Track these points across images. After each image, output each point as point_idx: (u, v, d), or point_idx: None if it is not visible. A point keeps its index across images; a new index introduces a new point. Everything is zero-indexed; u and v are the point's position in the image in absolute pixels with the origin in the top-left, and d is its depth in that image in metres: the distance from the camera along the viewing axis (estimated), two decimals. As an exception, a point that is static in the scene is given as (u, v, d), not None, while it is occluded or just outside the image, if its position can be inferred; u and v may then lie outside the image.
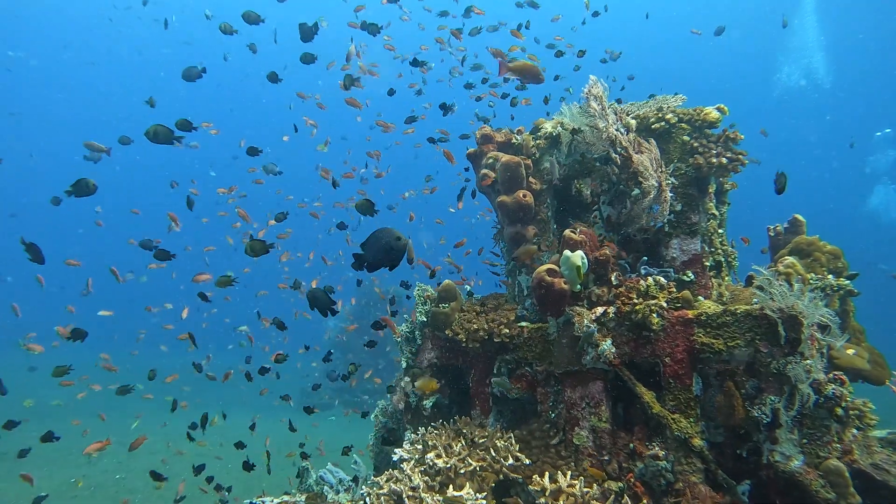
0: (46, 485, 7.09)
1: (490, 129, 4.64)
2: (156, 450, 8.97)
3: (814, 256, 3.95)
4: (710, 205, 4.29)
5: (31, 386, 12.77)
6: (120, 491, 7.18)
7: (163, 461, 8.49)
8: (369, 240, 2.64)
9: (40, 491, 6.83)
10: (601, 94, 3.87)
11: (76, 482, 7.18)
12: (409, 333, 4.44)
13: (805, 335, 3.01)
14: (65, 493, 6.86)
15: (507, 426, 4.08)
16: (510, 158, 4.21)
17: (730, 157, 3.86)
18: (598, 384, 3.60)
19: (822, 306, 3.02)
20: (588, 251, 3.64)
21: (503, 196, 4.23)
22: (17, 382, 12.69)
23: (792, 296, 3.02)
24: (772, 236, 5.03)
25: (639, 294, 3.53)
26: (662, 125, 4.03)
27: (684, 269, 3.91)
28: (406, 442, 3.96)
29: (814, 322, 3.03)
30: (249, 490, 6.99)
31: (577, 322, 3.51)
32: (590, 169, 4.27)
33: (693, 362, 3.37)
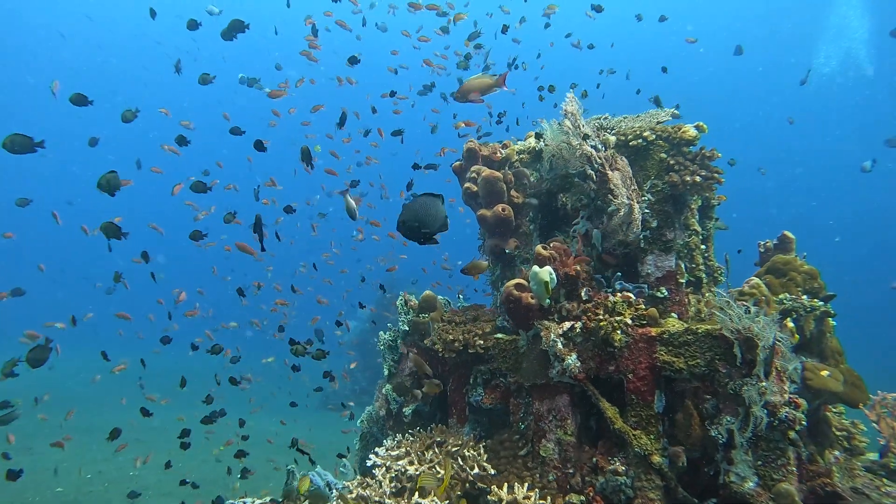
0: (65, 480, 7.42)
1: (476, 143, 4.73)
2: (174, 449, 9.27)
3: (789, 276, 3.94)
4: (691, 221, 4.30)
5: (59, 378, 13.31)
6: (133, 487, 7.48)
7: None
8: (414, 206, 2.47)
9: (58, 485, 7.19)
10: (575, 111, 3.93)
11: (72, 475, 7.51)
12: (391, 341, 4.57)
13: (760, 357, 3.03)
14: (81, 489, 7.18)
15: (483, 435, 4.17)
16: (490, 173, 4.29)
17: (704, 175, 3.88)
18: (565, 398, 3.66)
19: (776, 329, 3.03)
20: (558, 266, 3.70)
21: (483, 210, 4.32)
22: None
23: (747, 318, 3.05)
24: (762, 252, 5.00)
25: (606, 310, 3.58)
26: (640, 142, 4.06)
27: (658, 286, 3.94)
28: (382, 448, 4.08)
29: (769, 345, 3.05)
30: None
31: (544, 336, 3.58)
32: (570, 184, 4.32)
33: (655, 379, 3.41)
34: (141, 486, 7.26)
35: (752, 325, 3.01)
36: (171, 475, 7.11)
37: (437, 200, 2.43)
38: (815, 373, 3.77)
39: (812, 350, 3.97)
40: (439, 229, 2.44)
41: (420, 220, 2.39)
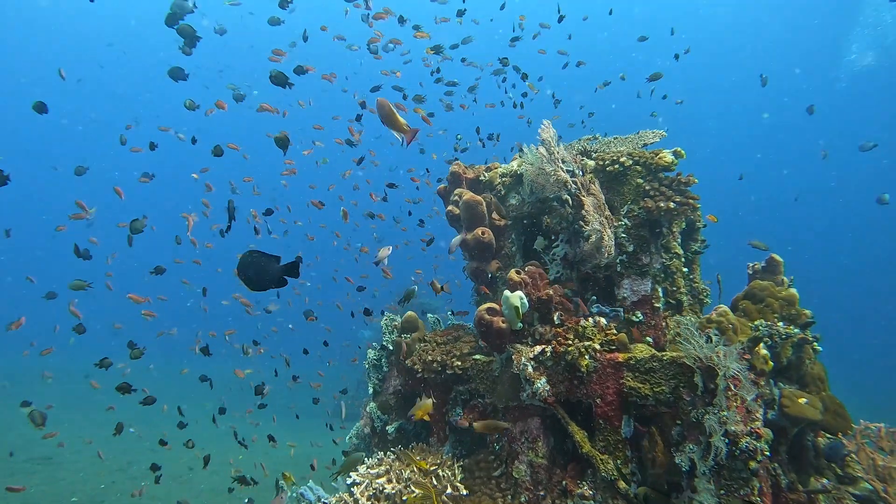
0: (80, 489, 7.68)
1: (461, 166, 4.83)
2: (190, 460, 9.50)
3: (766, 302, 3.93)
4: (672, 244, 4.32)
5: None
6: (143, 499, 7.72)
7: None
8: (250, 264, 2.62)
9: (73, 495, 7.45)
10: (550, 138, 4.00)
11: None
12: (376, 361, 4.67)
13: (721, 387, 3.05)
14: (95, 499, 7.42)
15: (464, 454, 4.24)
16: (471, 197, 4.38)
17: (678, 201, 3.91)
18: (536, 420, 3.72)
19: (736, 359, 3.05)
20: (531, 291, 3.77)
21: (465, 233, 4.41)
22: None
23: (707, 347, 3.07)
24: (750, 274, 4.98)
25: (576, 335, 3.64)
26: (616, 168, 4.11)
27: (634, 309, 3.98)
28: (363, 466, 4.17)
29: (730, 374, 3.06)
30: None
31: (515, 359, 3.65)
32: (550, 207, 4.39)
33: (623, 405, 3.45)
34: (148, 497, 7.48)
35: (711, 355, 3.04)
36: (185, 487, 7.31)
37: (270, 262, 2.58)
38: (792, 400, 3.75)
39: (791, 377, 3.95)
40: (269, 285, 2.59)
41: (247, 276, 2.56)
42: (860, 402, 9.53)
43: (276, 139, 4.28)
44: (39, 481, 7.81)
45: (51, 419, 8.55)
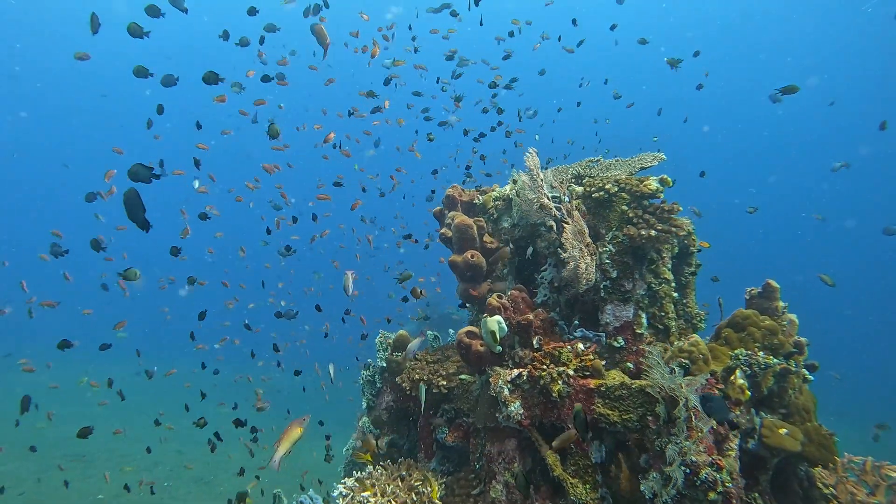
0: (106, 488, 8.10)
1: (458, 189, 4.97)
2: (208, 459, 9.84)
3: (748, 331, 3.92)
4: (662, 269, 4.35)
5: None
6: (165, 498, 8.08)
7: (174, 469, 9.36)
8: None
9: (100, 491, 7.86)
10: (534, 165, 4.10)
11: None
12: (370, 377, 4.84)
13: (681, 416, 3.10)
14: (119, 497, 7.82)
15: (451, 470, 4.36)
16: (462, 220, 4.52)
17: (660, 229, 3.96)
18: (513, 441, 3.81)
19: (695, 389, 3.09)
20: (510, 315, 3.88)
21: (454, 255, 4.54)
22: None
23: (669, 378, 3.12)
24: (747, 299, 4.96)
25: (552, 360, 3.72)
26: (602, 194, 4.18)
27: (616, 335, 4.03)
28: (350, 479, 4.34)
29: (692, 405, 3.11)
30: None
31: (492, 382, 3.75)
32: (539, 233, 4.48)
33: (593, 430, 3.51)
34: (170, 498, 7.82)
35: (672, 385, 3.09)
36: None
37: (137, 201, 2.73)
38: (772, 430, 3.75)
39: (773, 407, 3.94)
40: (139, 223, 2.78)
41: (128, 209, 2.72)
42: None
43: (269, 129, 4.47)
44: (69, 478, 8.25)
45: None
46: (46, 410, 10.26)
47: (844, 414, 17.30)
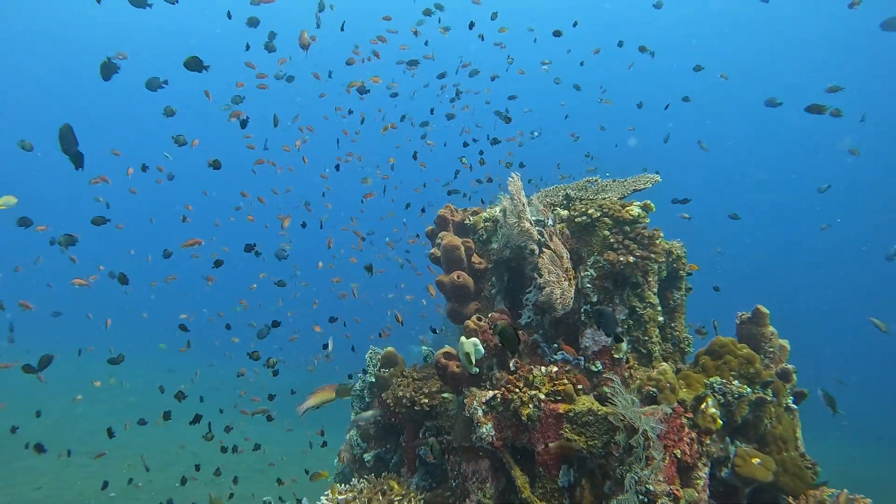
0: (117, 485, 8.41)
1: (450, 209, 5.08)
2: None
3: (725, 359, 3.93)
4: (648, 293, 4.38)
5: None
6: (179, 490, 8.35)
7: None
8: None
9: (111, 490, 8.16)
10: (517, 190, 4.19)
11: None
12: (359, 391, 4.97)
13: (638, 445, 3.14)
14: (129, 494, 8.13)
15: (434, 486, 4.46)
16: (450, 241, 4.62)
17: (639, 255, 4.00)
18: (486, 462, 3.89)
19: (652, 420, 3.13)
20: (487, 338, 3.96)
21: (441, 276, 4.65)
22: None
23: (628, 406, 3.17)
24: (737, 324, 4.95)
25: (526, 383, 3.79)
26: (584, 219, 4.24)
27: (594, 360, 4.08)
28: (331, 490, 4.47)
29: (654, 434, 3.15)
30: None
31: (467, 403, 3.85)
32: (524, 255, 4.56)
33: (562, 454, 3.57)
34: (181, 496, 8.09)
35: (629, 413, 3.14)
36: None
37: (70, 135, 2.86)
38: (745, 460, 3.76)
39: (749, 436, 3.94)
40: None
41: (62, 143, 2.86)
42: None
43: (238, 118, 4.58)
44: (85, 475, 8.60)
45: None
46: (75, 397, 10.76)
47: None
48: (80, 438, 10.71)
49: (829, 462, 12.96)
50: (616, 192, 4.73)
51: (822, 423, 15.49)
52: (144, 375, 15.18)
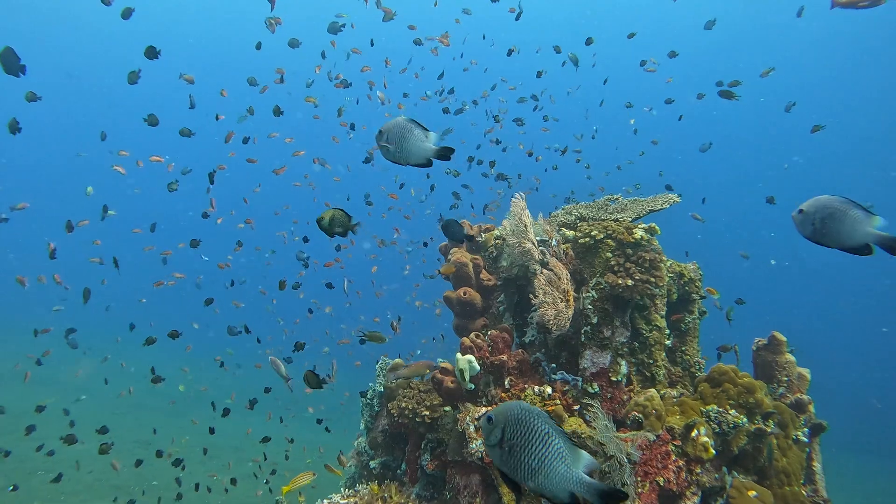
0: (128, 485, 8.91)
1: (467, 224, 5.18)
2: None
3: (724, 387, 3.84)
4: (654, 316, 4.35)
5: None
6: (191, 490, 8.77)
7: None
8: None
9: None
10: (518, 210, 4.25)
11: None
12: (369, 400, 5.13)
13: (612, 470, 3.15)
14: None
15: (436, 496, 4.56)
16: (458, 258, 4.73)
17: (638, 278, 3.98)
18: (477, 476, 3.96)
19: (625, 447, 3.13)
20: (484, 355, 4.04)
21: (449, 291, 4.76)
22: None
23: (606, 430, 3.18)
24: (754, 350, 4.84)
25: (517, 401, 3.85)
26: (588, 241, 4.26)
27: (591, 381, 4.09)
28: (337, 495, 4.64)
29: (624, 460, 3.15)
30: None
31: (460, 418, 3.94)
32: (529, 274, 4.61)
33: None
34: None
35: (603, 438, 3.15)
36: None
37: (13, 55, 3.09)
38: (740, 492, 3.68)
39: (748, 467, 3.85)
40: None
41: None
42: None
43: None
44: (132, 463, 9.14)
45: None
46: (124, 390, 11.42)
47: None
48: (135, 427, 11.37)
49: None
50: (632, 213, 4.71)
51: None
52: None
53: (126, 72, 5.51)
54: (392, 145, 2.54)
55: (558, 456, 1.66)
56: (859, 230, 2.20)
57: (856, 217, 2.20)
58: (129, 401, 12.34)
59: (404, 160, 2.57)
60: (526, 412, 1.71)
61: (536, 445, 1.66)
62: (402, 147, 2.53)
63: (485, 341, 4.13)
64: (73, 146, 39.42)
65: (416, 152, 2.55)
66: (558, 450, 1.66)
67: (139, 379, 7.95)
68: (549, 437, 1.67)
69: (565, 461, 1.65)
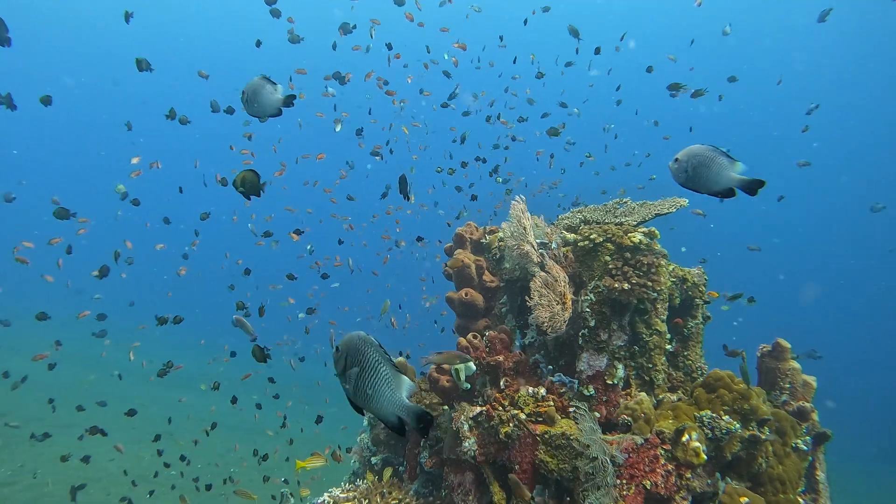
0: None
1: (473, 226, 5.25)
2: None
3: (718, 393, 3.82)
4: (655, 320, 4.35)
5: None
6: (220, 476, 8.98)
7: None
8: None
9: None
10: (517, 213, 4.29)
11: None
12: (373, 397, 5.22)
13: (595, 472, 3.17)
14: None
15: (430, 493, 4.63)
16: (461, 259, 4.79)
17: (634, 282, 3.99)
18: (470, 475, 4.02)
19: (605, 450, 3.15)
20: (480, 356, 4.10)
21: (451, 292, 4.82)
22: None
23: (590, 432, 3.21)
24: (758, 356, 4.79)
25: (511, 402, 3.89)
26: (587, 244, 4.27)
27: (587, 384, 4.11)
28: (338, 489, 4.74)
29: (606, 462, 3.17)
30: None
31: (454, 417, 4.00)
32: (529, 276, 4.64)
33: (536, 474, 3.65)
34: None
35: (587, 440, 3.18)
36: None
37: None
38: (732, 498, 3.66)
39: (741, 474, 3.83)
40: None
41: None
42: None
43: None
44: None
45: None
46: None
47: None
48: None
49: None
50: (639, 216, 4.71)
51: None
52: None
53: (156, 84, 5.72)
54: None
55: (385, 382, 1.81)
56: (724, 175, 2.50)
57: (722, 163, 2.49)
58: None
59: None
60: (362, 341, 1.84)
61: (369, 373, 1.81)
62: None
63: (481, 342, 4.18)
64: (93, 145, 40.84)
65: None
66: (386, 377, 1.81)
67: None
68: (378, 365, 1.82)
69: (391, 386, 1.82)
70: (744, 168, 2.46)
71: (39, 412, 10.23)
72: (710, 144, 2.54)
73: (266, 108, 3.08)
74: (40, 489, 7.90)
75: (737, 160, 2.45)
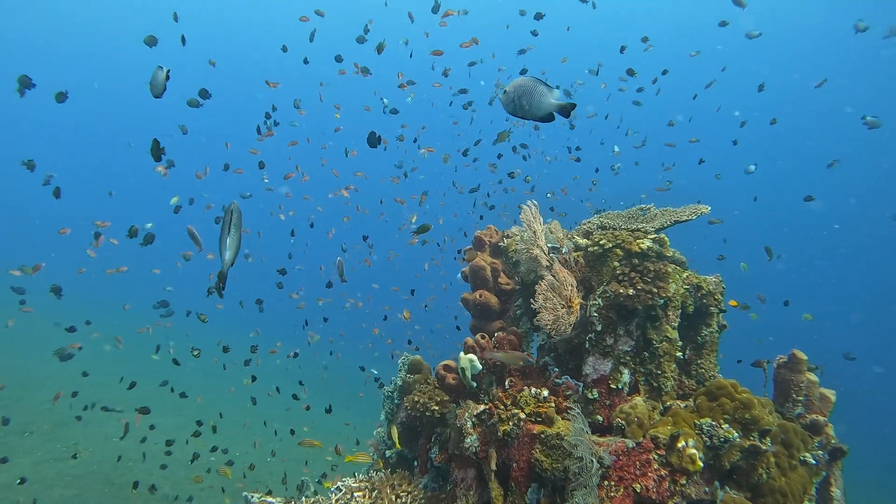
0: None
1: (493, 229, 5.38)
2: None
3: (720, 402, 3.80)
4: (666, 327, 4.37)
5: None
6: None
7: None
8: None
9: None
10: (528, 218, 4.39)
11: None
12: (390, 393, 5.41)
13: (582, 472, 3.25)
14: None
15: (438, 488, 4.78)
16: (477, 262, 4.93)
17: (640, 288, 4.03)
18: (472, 471, 4.15)
19: (591, 454, 3.21)
20: (487, 355, 4.23)
21: (466, 293, 4.97)
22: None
23: (578, 434, 3.29)
24: (775, 367, 4.73)
25: (513, 402, 4.00)
26: (596, 249, 4.34)
27: (592, 387, 4.17)
28: (351, 478, 4.95)
29: (592, 462, 3.24)
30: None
31: (458, 414, 4.14)
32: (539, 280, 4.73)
33: (532, 473, 3.74)
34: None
35: (574, 441, 3.26)
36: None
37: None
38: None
39: (741, 484, 3.81)
40: None
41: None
42: None
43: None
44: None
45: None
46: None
47: None
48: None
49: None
50: (658, 223, 4.73)
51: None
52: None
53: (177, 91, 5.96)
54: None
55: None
56: (545, 102, 2.82)
57: (542, 92, 2.81)
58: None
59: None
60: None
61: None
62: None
63: (489, 342, 4.30)
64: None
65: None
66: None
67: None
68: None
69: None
70: (560, 94, 2.81)
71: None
72: (532, 76, 2.88)
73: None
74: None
75: (554, 88, 2.81)
